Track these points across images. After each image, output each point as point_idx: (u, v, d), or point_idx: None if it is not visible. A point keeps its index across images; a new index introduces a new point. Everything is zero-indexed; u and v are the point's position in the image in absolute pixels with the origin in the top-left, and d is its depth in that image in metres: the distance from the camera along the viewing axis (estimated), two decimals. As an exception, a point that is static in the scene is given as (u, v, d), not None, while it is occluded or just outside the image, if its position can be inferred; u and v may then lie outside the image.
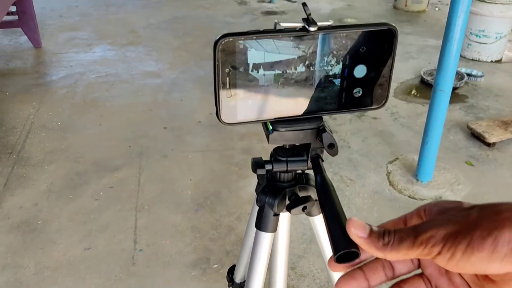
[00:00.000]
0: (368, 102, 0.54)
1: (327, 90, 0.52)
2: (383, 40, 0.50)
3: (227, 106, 0.50)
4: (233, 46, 0.47)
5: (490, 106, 2.62)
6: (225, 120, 0.50)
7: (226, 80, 0.48)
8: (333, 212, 0.41)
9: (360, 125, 2.43)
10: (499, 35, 3.12)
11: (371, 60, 0.51)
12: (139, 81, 2.88)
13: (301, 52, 0.48)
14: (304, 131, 0.55)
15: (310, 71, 0.50)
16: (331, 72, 0.51)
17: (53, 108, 2.58)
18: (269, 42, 0.47)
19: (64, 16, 4.05)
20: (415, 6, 4.23)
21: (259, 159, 0.60)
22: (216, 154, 2.17)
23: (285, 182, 0.63)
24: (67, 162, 2.13)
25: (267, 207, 0.63)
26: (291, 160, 0.59)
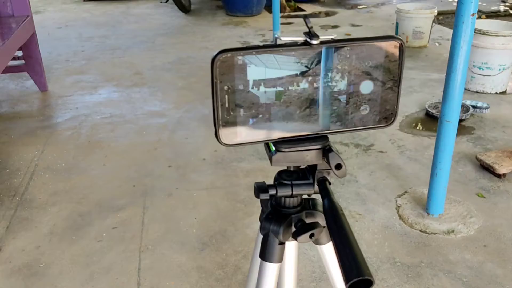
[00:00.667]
0: (376, 120, 0.51)
1: (332, 108, 0.49)
2: (389, 54, 0.47)
3: (226, 125, 0.47)
4: (231, 62, 0.44)
5: (498, 137, 2.59)
6: (224, 141, 0.48)
7: (225, 98, 0.46)
8: (343, 237, 0.38)
9: (367, 159, 2.39)
10: (502, 67, 3.12)
11: (377, 76, 0.48)
12: (144, 121, 2.89)
13: (303, 68, 0.46)
14: (309, 152, 0.52)
15: (313, 88, 0.47)
16: (336, 89, 0.48)
17: (57, 149, 2.57)
18: (270, 58, 0.45)
19: (70, 61, 4.12)
20: (416, 41, 4.28)
21: (262, 183, 0.56)
22: (221, 192, 2.14)
23: (290, 208, 0.59)
24: (70, 204, 2.10)
25: (272, 235, 0.59)
26: (296, 184, 0.56)
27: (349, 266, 0.35)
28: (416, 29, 4.22)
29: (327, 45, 0.46)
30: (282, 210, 0.60)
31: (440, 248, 1.76)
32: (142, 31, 5.08)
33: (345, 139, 2.59)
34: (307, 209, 0.60)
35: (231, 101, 0.46)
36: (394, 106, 0.51)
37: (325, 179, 0.53)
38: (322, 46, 0.46)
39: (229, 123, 0.47)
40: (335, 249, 0.37)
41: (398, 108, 0.51)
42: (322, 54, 0.46)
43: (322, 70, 0.46)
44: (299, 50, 0.45)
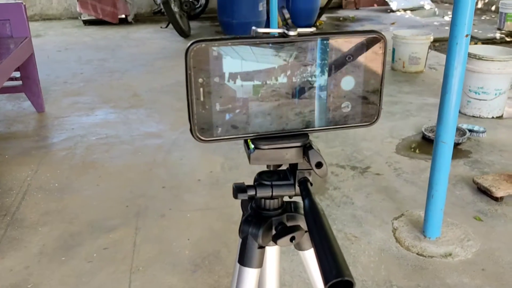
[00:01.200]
0: (359, 118, 0.49)
1: (312, 104, 0.47)
2: (370, 49, 0.46)
3: (202, 121, 0.45)
4: (206, 53, 0.43)
5: (495, 161, 2.57)
6: (200, 136, 0.46)
7: (199, 91, 0.44)
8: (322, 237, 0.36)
9: (363, 181, 2.37)
10: (498, 92, 3.13)
11: (359, 71, 0.47)
12: (140, 142, 2.87)
13: (281, 61, 0.44)
14: (289, 149, 0.50)
15: (292, 82, 0.45)
16: (316, 84, 0.46)
17: (51, 170, 2.55)
18: (247, 50, 0.43)
19: (68, 83, 4.13)
20: (413, 67, 4.30)
21: (241, 183, 0.54)
22: (215, 213, 2.11)
23: (271, 210, 0.57)
24: (62, 224, 2.06)
25: (251, 239, 0.56)
26: (276, 185, 0.53)
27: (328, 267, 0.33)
28: (412, 54, 4.26)
29: (305, 37, 0.44)
30: (262, 213, 0.57)
31: (438, 271, 1.72)
32: (141, 54, 5.12)
33: (341, 161, 2.58)
34: (289, 211, 0.58)
35: (206, 95, 0.44)
36: (377, 104, 0.49)
37: (306, 180, 0.51)
38: (300, 38, 0.44)
39: (204, 118, 0.45)
40: (314, 250, 0.35)
41: (381, 106, 0.49)
42: (300, 47, 0.44)
43: (300, 64, 0.45)
44: (276, 42, 0.44)
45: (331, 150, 2.71)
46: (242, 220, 0.58)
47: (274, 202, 0.56)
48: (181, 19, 5.88)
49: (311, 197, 0.44)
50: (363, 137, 2.88)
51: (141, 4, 7.48)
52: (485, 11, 7.77)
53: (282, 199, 0.57)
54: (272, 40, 0.44)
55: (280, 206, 0.57)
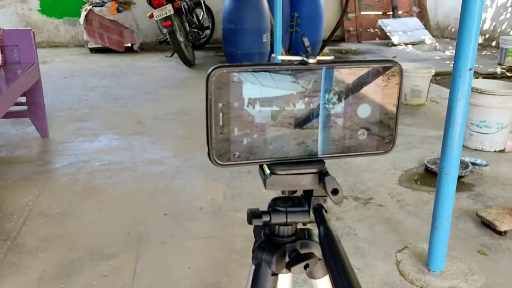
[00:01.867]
0: (374, 146, 0.50)
1: (329, 131, 0.48)
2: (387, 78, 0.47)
3: (220, 145, 0.46)
4: (227, 78, 0.44)
5: (498, 195, 2.56)
6: (218, 161, 0.46)
7: (219, 115, 0.45)
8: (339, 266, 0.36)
9: (366, 212, 2.36)
10: (500, 126, 3.15)
11: (375, 99, 0.48)
12: (142, 169, 2.88)
13: (300, 88, 0.45)
14: (305, 175, 0.50)
15: (310, 109, 0.46)
16: (333, 111, 0.47)
17: (53, 195, 2.54)
18: (266, 76, 0.44)
19: (73, 109, 4.16)
20: (415, 100, 4.34)
21: (255, 209, 0.54)
22: (217, 241, 2.09)
23: (284, 237, 0.57)
24: (62, 250, 2.05)
25: (264, 266, 0.56)
26: (291, 211, 0.53)
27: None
28: (414, 87, 4.30)
29: (324, 65, 0.45)
30: (275, 239, 0.57)
31: (442, 306, 1.70)
32: (146, 82, 5.17)
33: (344, 192, 2.57)
34: (302, 239, 0.58)
35: (226, 119, 0.45)
36: (393, 132, 0.50)
37: (321, 207, 0.51)
38: (319, 66, 0.45)
39: (223, 143, 0.46)
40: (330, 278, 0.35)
41: (397, 134, 0.50)
42: (319, 75, 0.45)
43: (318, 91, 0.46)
44: (296, 70, 0.45)
45: (334, 180, 2.71)
46: (255, 247, 0.58)
47: (288, 228, 0.56)
48: (186, 49, 5.97)
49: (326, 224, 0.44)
50: (366, 168, 2.89)
51: (147, 33, 7.61)
52: (485, 47, 7.88)
53: (296, 226, 0.57)
54: (292, 67, 0.45)
55: (294, 233, 0.57)
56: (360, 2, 8.59)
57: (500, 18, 7.73)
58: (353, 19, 8.52)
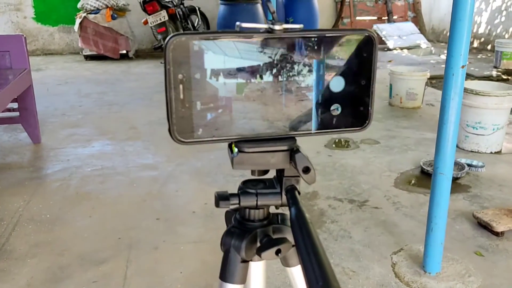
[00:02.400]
0: (349, 122, 0.46)
1: (300, 106, 0.44)
2: (360, 48, 0.44)
3: (181, 120, 0.42)
4: (186, 47, 0.40)
5: (495, 196, 2.54)
6: (179, 137, 0.43)
7: (179, 88, 0.41)
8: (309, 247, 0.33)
9: (361, 214, 2.33)
10: (496, 127, 3.13)
11: (348, 72, 0.44)
12: (135, 174, 2.84)
13: (267, 59, 0.42)
14: (274, 153, 0.46)
15: (278, 82, 0.43)
16: (303, 84, 0.43)
17: (44, 200, 2.51)
18: (230, 45, 0.41)
19: (66, 115, 4.13)
20: (410, 102, 4.32)
21: (224, 192, 0.51)
22: (209, 245, 2.05)
23: (255, 221, 0.53)
24: (51, 255, 2.01)
25: (233, 252, 0.53)
26: (261, 193, 0.50)
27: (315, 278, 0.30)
28: (409, 90, 4.29)
29: (291, 33, 0.42)
30: (246, 224, 0.54)
31: (438, 308, 1.66)
32: (140, 88, 5.15)
33: (339, 195, 2.54)
34: (275, 223, 0.54)
35: (187, 92, 0.42)
36: (368, 107, 0.46)
37: (294, 188, 0.48)
38: (285, 34, 0.42)
39: (184, 118, 0.42)
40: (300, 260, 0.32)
41: (373, 109, 0.47)
42: (287, 44, 0.42)
43: (287, 62, 0.43)
44: (261, 38, 0.41)
45: (329, 183, 2.68)
46: (225, 232, 0.54)
47: (259, 212, 0.53)
48: (181, 55, 5.95)
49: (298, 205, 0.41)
50: (361, 171, 2.86)
51: (142, 40, 7.60)
52: (481, 50, 7.90)
53: (268, 210, 0.54)
54: (256, 35, 0.41)
55: (265, 217, 0.54)
56: (355, 7, 8.62)
57: (495, 21, 7.75)
58: (348, 24, 8.53)
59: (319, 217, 2.30)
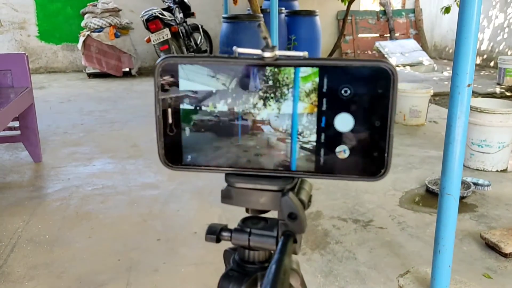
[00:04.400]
0: (359, 169, 0.40)
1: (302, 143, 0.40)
2: (374, 83, 0.38)
3: (170, 145, 0.40)
4: (175, 70, 0.38)
5: (502, 215, 2.49)
6: (167, 162, 0.40)
7: (167, 112, 0.39)
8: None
9: (366, 235, 2.28)
10: (501, 145, 3.09)
11: (358, 110, 0.39)
12: (136, 193, 2.80)
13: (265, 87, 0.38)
14: (264, 193, 0.42)
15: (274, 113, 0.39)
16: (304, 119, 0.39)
17: (43, 221, 2.47)
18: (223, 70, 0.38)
19: (68, 133, 4.12)
20: (414, 120, 4.30)
21: (216, 224, 0.48)
22: (211, 267, 2.01)
23: (256, 263, 0.49)
24: (50, 278, 1.96)
25: None
26: (255, 233, 0.45)
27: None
28: (413, 107, 4.26)
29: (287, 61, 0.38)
30: (245, 266, 0.49)
31: (447, 333, 1.61)
32: (143, 106, 5.14)
33: (343, 214, 2.49)
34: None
35: (175, 117, 0.39)
36: (385, 154, 0.39)
37: (290, 235, 0.42)
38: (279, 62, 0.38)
39: (173, 143, 0.40)
40: None
41: (390, 156, 0.39)
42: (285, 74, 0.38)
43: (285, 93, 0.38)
44: (255, 66, 0.38)
45: (333, 202, 2.64)
46: (222, 276, 0.50)
47: (260, 254, 0.49)
48: (183, 72, 5.96)
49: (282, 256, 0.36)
50: (365, 190, 2.81)
51: (145, 58, 7.63)
52: (484, 67, 7.89)
53: (269, 252, 0.50)
54: (248, 62, 0.38)
55: (267, 259, 0.50)
56: (357, 24, 8.65)
57: (497, 38, 7.76)
58: (350, 41, 8.56)
59: (323, 237, 2.26)
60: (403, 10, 9.24)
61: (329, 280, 1.92)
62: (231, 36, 5.70)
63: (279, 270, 0.33)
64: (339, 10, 8.41)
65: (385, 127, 0.39)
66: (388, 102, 0.38)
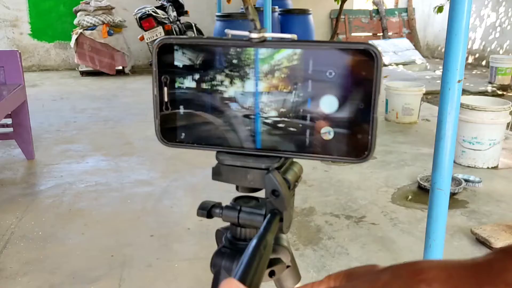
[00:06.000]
0: (343, 150, 0.41)
1: (286, 123, 0.41)
2: (358, 65, 0.39)
3: (165, 122, 0.42)
4: (171, 51, 0.40)
5: (492, 211, 2.52)
6: (163, 139, 0.42)
7: (163, 90, 0.41)
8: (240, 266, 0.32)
9: (358, 231, 2.30)
10: (492, 142, 3.12)
11: (343, 92, 0.39)
12: (129, 190, 2.81)
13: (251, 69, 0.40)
14: (251, 170, 0.44)
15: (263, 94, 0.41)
16: (290, 100, 0.40)
17: (36, 217, 2.46)
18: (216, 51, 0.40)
19: (61, 131, 4.11)
20: (406, 118, 4.32)
21: (209, 201, 0.49)
22: (204, 263, 2.01)
23: (247, 241, 0.50)
24: (43, 274, 1.96)
25: (224, 273, 0.50)
26: (245, 211, 0.47)
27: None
28: (405, 105, 4.29)
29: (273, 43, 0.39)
30: (237, 243, 0.51)
31: (438, 326, 1.62)
32: (136, 104, 5.14)
33: (336, 210, 2.51)
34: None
35: (171, 95, 0.41)
36: (368, 136, 0.40)
37: (276, 213, 0.43)
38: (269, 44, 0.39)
39: (168, 120, 0.42)
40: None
41: (375, 138, 0.40)
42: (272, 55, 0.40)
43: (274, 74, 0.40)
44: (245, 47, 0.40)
45: (326, 198, 2.65)
46: (215, 252, 0.52)
47: (251, 232, 0.50)
48: (177, 70, 5.96)
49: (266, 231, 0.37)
50: (358, 186, 2.83)
51: (139, 56, 7.62)
52: (475, 66, 7.95)
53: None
54: (239, 44, 0.40)
55: None
56: (350, 23, 8.68)
57: (489, 37, 7.82)
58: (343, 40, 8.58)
59: (315, 233, 2.27)
60: (396, 9, 9.29)
61: (322, 275, 1.93)
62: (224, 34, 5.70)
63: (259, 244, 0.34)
64: (332, 9, 8.44)
65: (369, 110, 0.39)
66: (372, 85, 0.39)
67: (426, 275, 0.27)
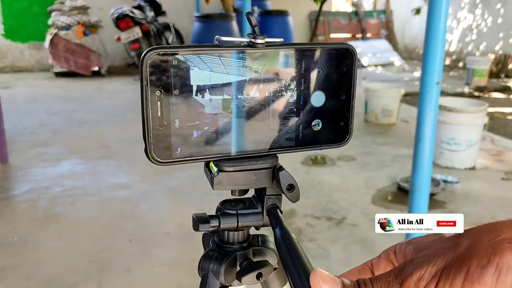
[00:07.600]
0: (330, 138, 0.46)
1: (284, 121, 0.44)
2: (340, 62, 0.44)
3: (158, 139, 0.40)
4: (165, 62, 0.38)
5: (471, 212, 2.55)
6: (156, 157, 0.40)
7: (156, 105, 0.38)
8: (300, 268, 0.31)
9: (339, 232, 2.30)
10: (469, 143, 3.17)
11: (328, 86, 0.44)
12: (107, 194, 2.75)
13: (252, 74, 0.41)
14: (256, 172, 0.44)
15: (262, 98, 0.42)
16: (285, 100, 0.43)
17: (11, 222, 2.40)
18: (215, 60, 0.39)
19: (35, 133, 4.01)
20: (385, 119, 4.36)
21: (202, 214, 0.48)
22: (184, 267, 1.99)
23: (235, 244, 0.50)
24: (18, 280, 1.91)
25: (212, 277, 0.49)
26: (242, 214, 0.48)
27: None
28: (384, 107, 4.33)
29: (273, 47, 0.42)
30: (225, 247, 0.51)
31: (419, 327, 1.63)
32: (113, 106, 5.06)
33: (316, 212, 2.51)
34: (255, 245, 0.52)
35: (165, 109, 0.39)
36: (348, 123, 0.46)
37: (276, 207, 0.46)
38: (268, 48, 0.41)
39: (162, 137, 0.40)
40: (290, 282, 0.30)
41: (353, 124, 0.46)
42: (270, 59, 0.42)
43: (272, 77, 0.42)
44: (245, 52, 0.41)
45: (306, 200, 2.65)
46: (202, 256, 0.51)
47: (238, 234, 0.51)
48: (155, 72, 5.89)
49: (282, 225, 0.39)
50: (338, 188, 2.84)
51: (115, 57, 7.51)
52: (452, 68, 8.09)
53: (248, 232, 0.52)
54: (239, 49, 0.40)
55: (245, 239, 0.51)
56: (330, 25, 8.74)
57: (466, 39, 7.96)
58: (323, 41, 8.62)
59: (297, 235, 2.26)
60: (375, 11, 9.39)
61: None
62: (203, 35, 5.67)
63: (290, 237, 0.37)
64: (311, 10, 8.48)
65: (349, 99, 0.45)
66: (351, 77, 0.45)
67: (506, 234, 0.27)
